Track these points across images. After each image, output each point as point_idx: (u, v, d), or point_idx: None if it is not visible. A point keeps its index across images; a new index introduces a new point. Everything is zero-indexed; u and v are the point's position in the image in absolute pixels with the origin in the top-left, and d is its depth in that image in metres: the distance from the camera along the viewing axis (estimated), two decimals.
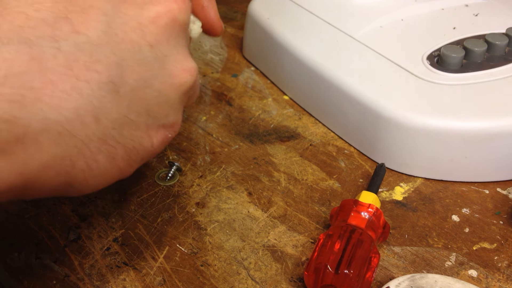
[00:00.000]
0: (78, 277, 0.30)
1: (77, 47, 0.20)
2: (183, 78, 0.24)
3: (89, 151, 0.21)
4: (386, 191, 0.36)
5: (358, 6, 0.46)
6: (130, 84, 0.22)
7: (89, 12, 0.20)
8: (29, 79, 0.18)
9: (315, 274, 0.28)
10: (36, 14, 0.19)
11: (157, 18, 0.23)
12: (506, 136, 0.35)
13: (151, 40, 0.23)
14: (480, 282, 0.30)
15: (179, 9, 0.24)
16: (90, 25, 0.20)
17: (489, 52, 0.40)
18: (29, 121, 0.19)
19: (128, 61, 0.22)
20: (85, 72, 0.20)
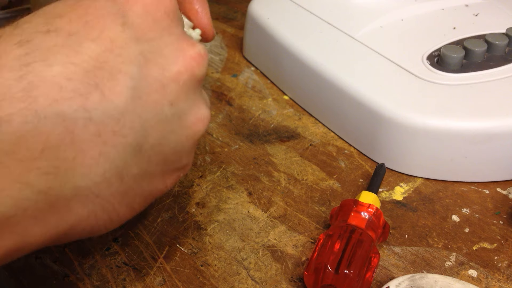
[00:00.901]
0: (78, 277, 0.30)
1: (106, 114, 0.20)
2: (197, 127, 0.25)
3: (111, 206, 0.22)
4: (386, 191, 0.36)
5: (358, 6, 0.46)
6: (151, 143, 0.23)
7: (117, 77, 0.21)
8: (63, 151, 0.19)
9: (315, 274, 0.28)
10: (68, 84, 0.19)
11: (178, 76, 0.23)
12: (506, 136, 0.35)
13: (172, 98, 0.23)
14: (480, 282, 0.30)
15: (198, 65, 0.24)
16: (118, 91, 0.21)
17: (489, 52, 0.40)
18: (61, 189, 0.19)
19: (151, 121, 0.22)
20: (112, 137, 0.20)
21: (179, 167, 0.26)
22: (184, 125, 0.24)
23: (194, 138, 0.25)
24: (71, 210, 0.20)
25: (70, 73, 0.19)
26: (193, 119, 0.25)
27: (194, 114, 0.25)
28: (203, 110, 0.25)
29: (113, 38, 0.21)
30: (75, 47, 0.20)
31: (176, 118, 0.24)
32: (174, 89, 0.23)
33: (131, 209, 0.24)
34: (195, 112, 0.25)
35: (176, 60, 0.23)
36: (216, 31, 0.58)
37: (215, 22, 0.60)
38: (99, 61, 0.20)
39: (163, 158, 0.24)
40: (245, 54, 0.52)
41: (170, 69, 0.23)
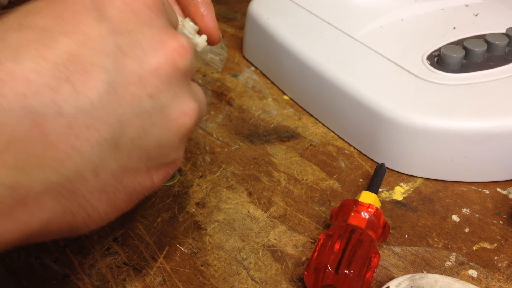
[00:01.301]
0: (78, 277, 0.30)
1: (78, 108, 0.20)
2: (182, 121, 0.24)
3: (89, 203, 0.22)
4: (386, 191, 0.36)
5: (358, 6, 0.46)
6: (130, 137, 0.22)
7: (90, 71, 0.20)
8: (31, 144, 0.19)
9: (315, 274, 0.28)
10: (38, 79, 0.19)
11: (158, 69, 0.23)
12: (506, 136, 0.35)
13: (151, 91, 0.23)
14: (480, 282, 0.30)
15: (180, 57, 0.24)
16: (91, 85, 0.20)
17: (489, 52, 0.40)
18: (31, 184, 0.19)
19: (128, 115, 0.22)
20: (85, 131, 0.20)
21: (166, 162, 0.25)
22: (166, 119, 0.24)
23: (180, 132, 0.25)
24: (42, 206, 0.20)
25: (41, 67, 0.19)
26: (177, 113, 0.24)
27: (178, 107, 0.24)
28: (188, 103, 0.25)
29: (88, 32, 0.21)
30: (47, 42, 0.20)
31: (157, 111, 0.23)
32: (154, 81, 0.23)
33: (115, 206, 0.23)
34: (179, 105, 0.24)
35: (155, 53, 0.23)
36: None
37: None
38: (72, 55, 0.20)
39: (146, 153, 0.23)
40: (245, 54, 0.52)
41: (149, 62, 0.22)
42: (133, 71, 0.22)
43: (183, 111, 0.24)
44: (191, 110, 0.25)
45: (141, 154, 0.23)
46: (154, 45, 0.23)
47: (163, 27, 0.24)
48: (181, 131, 0.25)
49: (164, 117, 0.23)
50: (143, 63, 0.22)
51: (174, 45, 0.23)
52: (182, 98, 0.24)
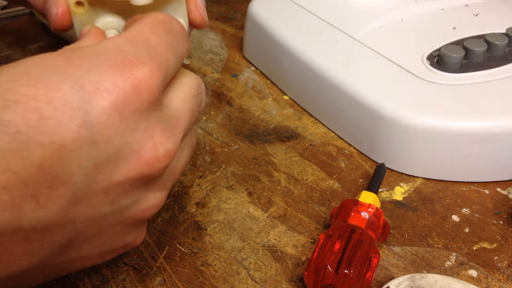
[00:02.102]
0: (78, 277, 0.30)
1: (37, 221, 0.19)
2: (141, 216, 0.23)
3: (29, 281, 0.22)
4: (386, 191, 0.36)
5: (358, 6, 0.46)
6: (84, 237, 0.22)
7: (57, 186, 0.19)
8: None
9: (315, 274, 0.28)
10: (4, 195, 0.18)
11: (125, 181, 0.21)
12: (506, 136, 0.35)
13: (113, 198, 0.22)
14: (480, 282, 0.30)
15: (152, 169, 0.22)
16: (54, 199, 0.19)
17: (489, 52, 0.40)
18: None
19: (85, 222, 0.21)
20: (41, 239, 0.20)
21: (122, 246, 0.25)
22: (126, 217, 0.23)
23: (140, 222, 0.24)
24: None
25: (8, 182, 0.18)
26: (137, 211, 0.23)
27: (139, 207, 0.23)
28: (152, 200, 0.23)
29: (66, 142, 0.19)
30: (19, 151, 0.18)
31: (117, 213, 0.22)
32: (118, 191, 0.21)
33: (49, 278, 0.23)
34: (141, 205, 0.23)
35: (129, 164, 0.21)
36: (216, 31, 0.58)
37: (215, 22, 0.60)
38: (43, 168, 0.18)
39: (100, 245, 0.23)
40: (245, 54, 0.52)
41: (119, 174, 0.21)
42: (101, 183, 0.21)
43: (144, 209, 0.23)
44: (154, 205, 0.24)
45: (94, 247, 0.23)
46: (130, 155, 0.21)
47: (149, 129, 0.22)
48: (140, 222, 0.24)
49: (122, 216, 0.23)
50: (112, 176, 0.21)
51: (150, 157, 0.22)
52: (146, 197, 0.23)
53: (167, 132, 0.23)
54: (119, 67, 0.21)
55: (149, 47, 0.22)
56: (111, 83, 0.20)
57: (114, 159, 0.21)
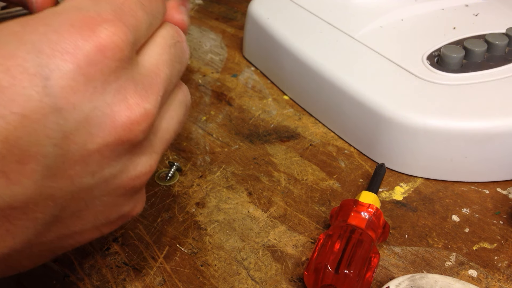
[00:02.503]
0: (78, 277, 0.30)
1: (12, 198, 0.18)
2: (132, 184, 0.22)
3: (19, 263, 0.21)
4: (386, 191, 0.36)
5: (358, 6, 0.46)
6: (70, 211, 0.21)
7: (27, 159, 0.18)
8: None
9: (315, 274, 0.28)
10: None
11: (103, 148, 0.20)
12: (506, 136, 0.35)
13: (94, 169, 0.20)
14: (480, 282, 0.30)
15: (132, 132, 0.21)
16: (26, 174, 0.18)
17: (489, 52, 0.40)
18: None
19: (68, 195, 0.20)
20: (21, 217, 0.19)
21: (118, 217, 0.23)
22: (113, 187, 0.22)
23: (131, 192, 0.23)
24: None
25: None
26: (126, 180, 0.22)
27: (126, 175, 0.22)
28: (140, 167, 0.22)
29: (27, 112, 0.17)
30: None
31: (102, 184, 0.21)
32: (97, 160, 0.20)
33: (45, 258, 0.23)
34: (128, 173, 0.22)
35: (103, 129, 0.20)
36: (216, 31, 0.58)
37: (215, 22, 0.60)
38: (8, 142, 0.17)
39: (92, 218, 0.22)
40: (245, 54, 0.52)
41: (94, 141, 0.20)
42: (76, 153, 0.19)
43: (133, 176, 0.22)
44: (144, 172, 0.22)
45: (85, 221, 0.22)
46: (103, 119, 0.20)
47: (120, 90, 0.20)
48: (133, 191, 0.23)
49: (109, 186, 0.21)
50: (87, 144, 0.20)
51: (126, 118, 0.20)
52: (133, 165, 0.22)
53: (143, 91, 0.21)
54: (79, 26, 0.19)
55: (113, 4, 0.21)
56: (71, 43, 0.19)
57: (85, 126, 0.19)
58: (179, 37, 0.25)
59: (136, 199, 0.24)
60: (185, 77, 0.50)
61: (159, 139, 0.23)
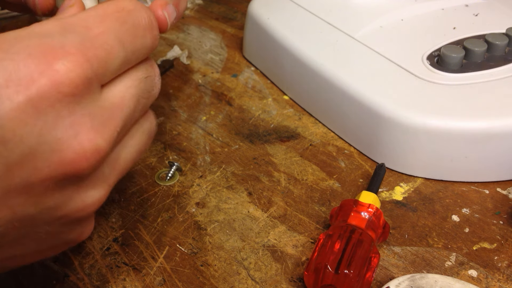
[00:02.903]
0: (78, 277, 0.30)
1: None
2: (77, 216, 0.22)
3: None
4: (386, 191, 0.36)
5: (358, 6, 0.46)
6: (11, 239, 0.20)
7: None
8: None
9: (315, 274, 0.28)
10: None
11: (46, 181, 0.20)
12: (506, 136, 0.35)
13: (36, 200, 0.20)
14: (480, 282, 0.30)
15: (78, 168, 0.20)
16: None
17: (489, 52, 0.40)
18: None
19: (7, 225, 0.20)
20: None
21: (64, 242, 0.23)
22: (57, 218, 0.21)
23: (79, 221, 0.22)
24: None
25: None
26: (71, 211, 0.21)
27: (72, 206, 0.21)
28: (87, 199, 0.22)
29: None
30: None
31: (45, 214, 0.20)
32: (41, 191, 0.20)
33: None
34: (73, 204, 0.21)
35: (49, 164, 0.19)
36: (216, 31, 0.58)
37: (215, 22, 0.60)
38: None
39: (35, 244, 0.22)
40: (245, 54, 0.52)
41: (38, 175, 0.19)
42: (18, 185, 0.19)
43: (79, 208, 0.21)
44: (90, 204, 0.22)
45: (27, 247, 0.21)
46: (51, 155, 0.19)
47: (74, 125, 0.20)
48: (79, 220, 0.22)
49: (53, 216, 0.21)
50: (30, 177, 0.19)
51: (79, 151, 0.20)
52: (79, 196, 0.21)
53: (100, 125, 0.21)
54: (37, 57, 0.19)
55: (85, 36, 0.20)
56: (26, 74, 0.18)
57: (30, 159, 0.19)
58: (152, 71, 0.25)
59: (84, 226, 0.23)
60: (185, 77, 0.50)
61: (113, 169, 0.23)
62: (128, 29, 0.22)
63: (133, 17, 0.23)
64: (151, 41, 0.24)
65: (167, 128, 0.43)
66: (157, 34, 0.24)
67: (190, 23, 0.60)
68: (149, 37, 0.24)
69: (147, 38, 0.23)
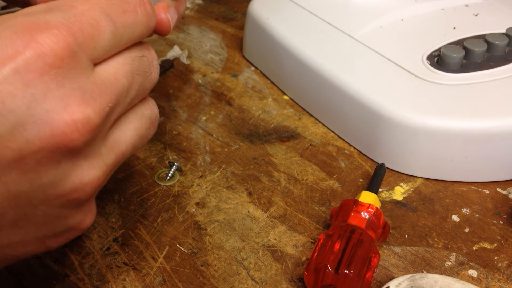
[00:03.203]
0: (78, 277, 0.30)
1: None
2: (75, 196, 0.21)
3: None
4: (386, 191, 0.36)
5: (358, 6, 0.46)
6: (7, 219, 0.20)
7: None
8: None
9: (315, 274, 0.28)
10: None
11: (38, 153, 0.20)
12: (506, 136, 0.35)
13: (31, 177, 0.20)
14: (480, 282, 0.30)
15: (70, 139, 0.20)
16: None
17: (489, 52, 0.40)
18: None
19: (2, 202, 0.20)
20: None
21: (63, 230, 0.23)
22: (53, 198, 0.21)
23: (77, 202, 0.22)
24: None
25: None
26: (67, 189, 0.21)
27: (68, 184, 0.21)
28: (82, 177, 0.21)
29: None
30: None
31: (40, 192, 0.20)
32: (34, 166, 0.20)
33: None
34: (70, 181, 0.21)
35: (40, 136, 0.19)
36: (216, 31, 0.58)
37: (215, 22, 0.60)
38: None
39: (34, 229, 0.21)
40: (245, 54, 0.52)
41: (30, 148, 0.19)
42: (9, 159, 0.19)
43: (75, 186, 0.21)
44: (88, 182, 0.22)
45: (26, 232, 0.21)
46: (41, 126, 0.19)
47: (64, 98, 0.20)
48: (77, 202, 0.22)
49: (49, 195, 0.21)
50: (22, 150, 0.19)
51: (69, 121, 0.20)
52: (74, 173, 0.21)
53: (91, 99, 0.21)
54: (22, 32, 0.19)
55: (69, 13, 0.21)
56: (12, 49, 0.19)
57: (21, 131, 0.19)
58: (148, 53, 0.25)
59: (84, 212, 0.23)
60: (185, 77, 0.50)
61: (110, 150, 0.23)
62: (115, 3, 0.22)
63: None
64: (144, 17, 0.24)
65: (167, 128, 0.43)
66: (150, 12, 0.24)
67: (190, 23, 0.60)
68: (141, 13, 0.24)
69: (138, 14, 0.23)
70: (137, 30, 0.23)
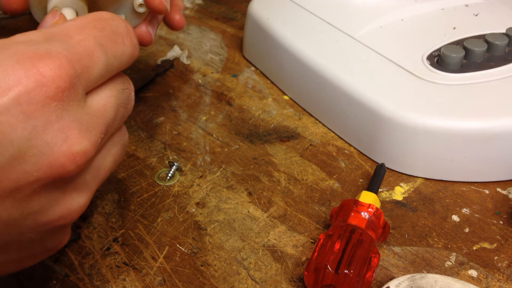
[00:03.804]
0: (78, 277, 0.30)
1: None
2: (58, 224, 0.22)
3: None
4: (386, 191, 0.36)
5: (358, 6, 0.46)
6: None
7: None
8: None
9: (315, 274, 0.28)
10: None
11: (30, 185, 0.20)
12: (506, 136, 0.35)
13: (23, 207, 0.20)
14: (480, 282, 0.30)
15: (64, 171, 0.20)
16: None
17: (489, 52, 0.40)
18: None
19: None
20: None
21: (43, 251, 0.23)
22: (41, 223, 0.21)
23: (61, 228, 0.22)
24: None
25: None
26: (55, 216, 0.21)
27: (56, 212, 0.21)
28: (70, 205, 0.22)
29: None
30: None
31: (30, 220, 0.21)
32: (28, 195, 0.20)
33: None
34: (59, 209, 0.21)
35: (38, 168, 0.19)
36: (216, 31, 0.58)
37: (215, 22, 0.60)
38: None
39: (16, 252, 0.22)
40: (245, 54, 0.52)
41: (27, 178, 0.19)
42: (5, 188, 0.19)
43: (63, 214, 0.22)
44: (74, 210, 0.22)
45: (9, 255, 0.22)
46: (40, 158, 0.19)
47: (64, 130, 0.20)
48: (61, 227, 0.22)
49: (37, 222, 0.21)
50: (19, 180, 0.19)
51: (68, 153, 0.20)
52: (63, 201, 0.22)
53: (87, 131, 0.21)
54: (24, 62, 0.19)
55: (67, 43, 0.21)
56: (14, 79, 0.19)
57: (20, 163, 0.19)
58: (128, 85, 0.26)
59: (64, 234, 0.24)
60: (185, 77, 0.50)
61: (94, 177, 0.23)
62: (107, 35, 0.23)
63: (111, 25, 0.24)
64: (131, 48, 0.25)
65: (167, 128, 0.43)
66: (136, 43, 0.25)
67: (190, 23, 0.60)
68: (129, 44, 0.24)
69: (126, 45, 0.24)
70: (124, 60, 0.24)
